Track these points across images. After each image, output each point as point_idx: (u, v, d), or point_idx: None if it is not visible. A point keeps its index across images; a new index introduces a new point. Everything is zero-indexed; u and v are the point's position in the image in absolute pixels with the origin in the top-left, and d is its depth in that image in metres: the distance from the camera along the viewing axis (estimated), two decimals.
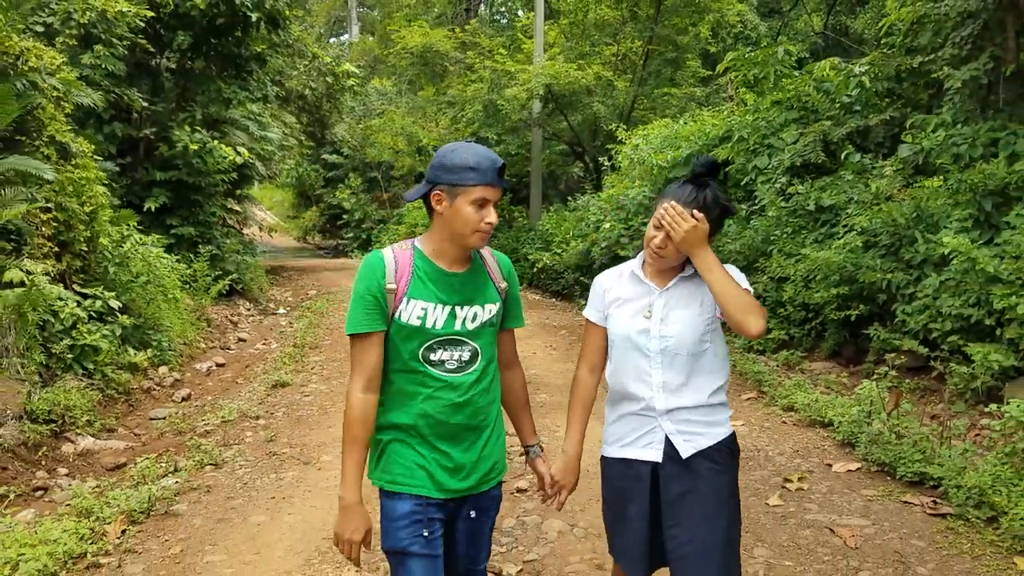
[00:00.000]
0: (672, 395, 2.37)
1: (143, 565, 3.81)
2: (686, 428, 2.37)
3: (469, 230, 2.20)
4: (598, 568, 3.72)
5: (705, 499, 2.33)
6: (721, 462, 2.38)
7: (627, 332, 2.42)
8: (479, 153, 2.20)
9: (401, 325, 2.22)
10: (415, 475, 2.25)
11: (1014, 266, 6.08)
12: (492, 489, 2.42)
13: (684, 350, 2.36)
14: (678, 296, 2.41)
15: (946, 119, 8.30)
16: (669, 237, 2.29)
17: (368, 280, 2.22)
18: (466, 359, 2.28)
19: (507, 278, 2.43)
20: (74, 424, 6.20)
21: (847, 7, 20.50)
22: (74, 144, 7.56)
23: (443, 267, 2.28)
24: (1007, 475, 4.29)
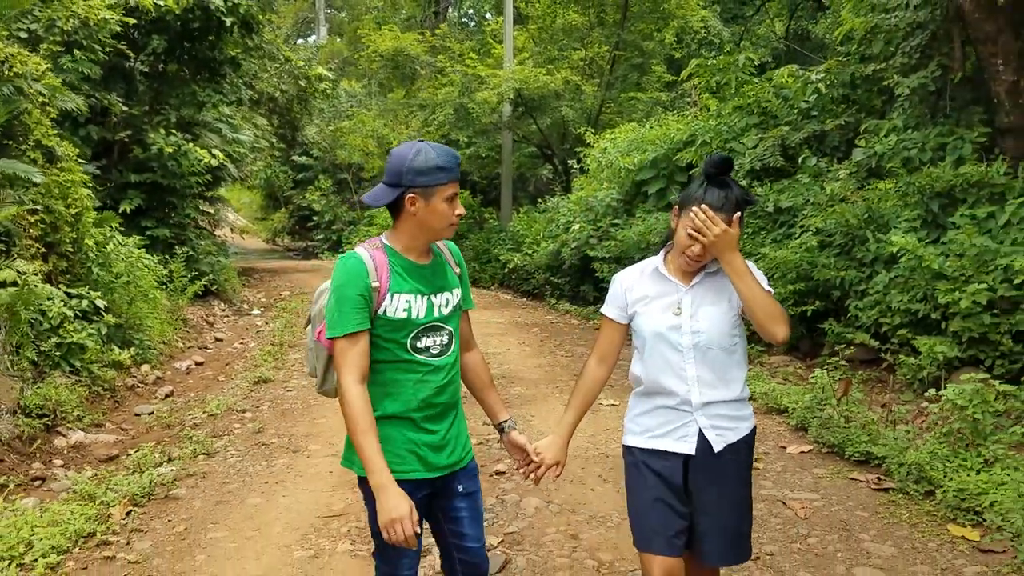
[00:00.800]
0: (708, 389, 2.46)
1: (150, 542, 4.09)
2: (719, 423, 2.47)
3: (444, 224, 2.38)
4: (572, 538, 4.08)
5: (728, 488, 2.49)
6: (744, 453, 2.52)
7: (659, 329, 2.49)
8: (442, 152, 2.36)
9: (388, 319, 2.36)
10: (407, 460, 2.41)
11: (958, 263, 6.50)
12: (472, 462, 2.61)
13: (715, 345, 2.45)
14: (704, 292, 2.49)
15: (897, 124, 8.75)
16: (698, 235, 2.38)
17: (355, 281, 2.32)
18: (445, 342, 2.47)
19: (459, 264, 2.63)
20: (65, 419, 6.42)
21: (808, 13, 21.05)
22: (59, 148, 7.77)
23: (414, 260, 2.44)
24: (943, 453, 4.72)
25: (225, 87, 14.66)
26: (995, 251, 6.36)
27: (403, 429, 2.42)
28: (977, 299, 6.14)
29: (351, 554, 3.92)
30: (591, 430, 5.90)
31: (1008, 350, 6.08)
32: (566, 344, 9.82)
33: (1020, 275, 5.95)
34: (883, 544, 3.97)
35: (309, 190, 29.37)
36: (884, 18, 9.12)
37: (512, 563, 3.79)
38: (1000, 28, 7.96)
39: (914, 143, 8.16)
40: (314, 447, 5.73)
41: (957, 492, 4.30)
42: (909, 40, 8.94)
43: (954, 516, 4.22)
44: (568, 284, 13.85)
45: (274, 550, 3.99)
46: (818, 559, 3.83)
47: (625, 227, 11.94)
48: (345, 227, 28.45)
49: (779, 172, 9.94)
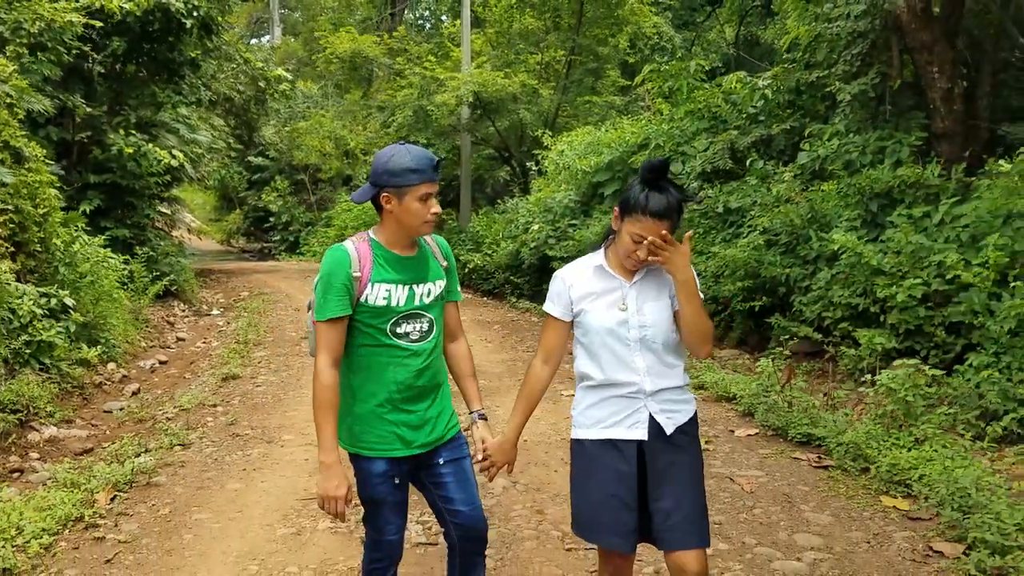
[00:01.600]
0: (656, 378, 2.54)
1: (137, 524, 4.29)
2: (668, 407, 2.55)
3: (418, 222, 2.56)
4: (538, 513, 4.38)
5: (686, 467, 2.55)
6: (692, 433, 2.61)
7: (607, 325, 2.55)
8: (416, 154, 2.53)
9: (368, 307, 2.56)
10: (387, 440, 2.61)
11: (895, 260, 6.93)
12: (457, 435, 2.78)
13: (660, 338, 2.53)
14: (647, 287, 2.58)
15: (840, 129, 9.20)
16: (652, 254, 2.46)
17: (338, 271, 2.53)
18: (425, 329, 2.65)
19: (446, 257, 2.80)
20: (37, 415, 6.53)
21: (757, 19, 21.64)
22: (27, 149, 7.85)
23: (398, 253, 2.63)
24: (878, 433, 5.12)
25: (184, 88, 14.69)
26: (929, 248, 6.79)
27: (383, 414, 2.60)
28: (913, 293, 6.56)
29: (331, 531, 4.17)
30: (553, 418, 6.21)
31: (942, 341, 6.51)
32: (527, 340, 10.13)
33: (952, 271, 6.37)
34: (821, 514, 4.35)
35: (265, 191, 29.21)
36: (827, 27, 9.58)
37: None
38: (935, 38, 8.47)
39: (855, 146, 8.60)
40: (287, 437, 5.95)
41: (889, 467, 4.70)
42: (850, 48, 9.40)
43: (887, 489, 4.62)
44: (528, 283, 14.16)
45: (257, 529, 4.22)
46: (762, 527, 4.19)
47: (582, 227, 12.28)
48: (302, 228, 28.40)
49: (728, 174, 10.36)
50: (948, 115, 8.52)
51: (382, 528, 2.68)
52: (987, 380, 5.62)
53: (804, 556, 3.83)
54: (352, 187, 26.89)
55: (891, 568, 3.70)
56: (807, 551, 3.88)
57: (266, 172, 29.62)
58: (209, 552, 3.94)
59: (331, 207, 27.09)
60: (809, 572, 3.67)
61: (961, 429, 5.27)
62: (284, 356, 9.23)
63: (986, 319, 6.06)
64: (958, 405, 5.64)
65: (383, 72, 23.82)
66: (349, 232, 22.32)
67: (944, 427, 5.22)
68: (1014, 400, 5.46)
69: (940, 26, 8.55)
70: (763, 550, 3.90)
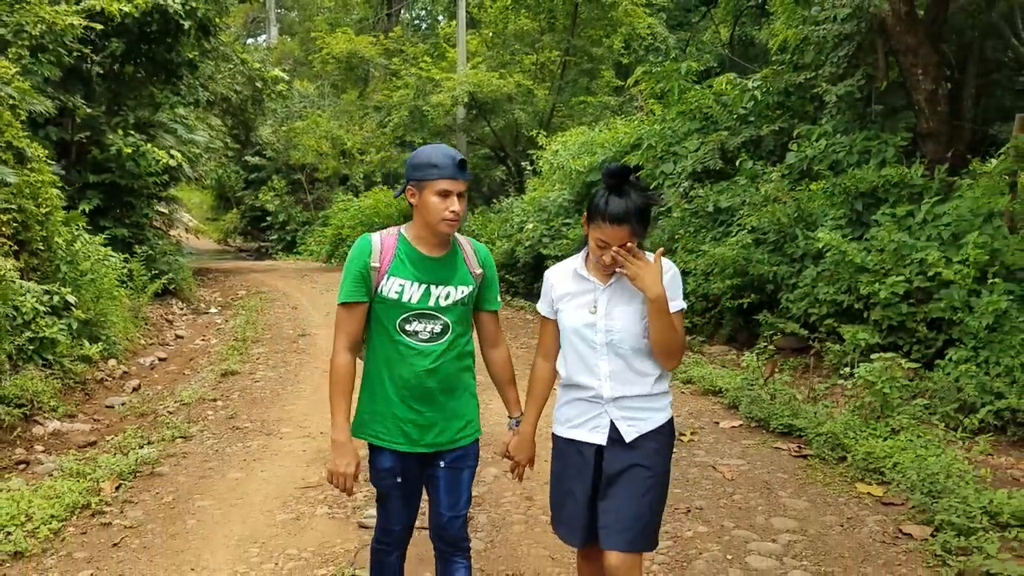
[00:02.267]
0: (619, 384, 2.54)
1: (142, 511, 4.46)
2: (630, 414, 2.55)
3: (437, 218, 2.55)
4: (527, 499, 4.56)
5: (638, 476, 2.53)
6: (658, 443, 2.57)
7: (575, 326, 2.59)
8: (440, 151, 2.56)
9: (382, 298, 2.60)
10: (392, 433, 2.65)
11: (879, 258, 7.11)
12: (468, 445, 2.77)
13: (627, 344, 2.53)
14: (620, 292, 2.57)
15: (827, 130, 9.39)
16: (617, 264, 2.50)
17: (357, 259, 2.60)
18: (437, 331, 2.63)
19: (483, 264, 2.76)
20: (41, 409, 6.70)
21: (752, 19, 21.81)
22: (29, 149, 8.01)
23: (423, 251, 2.64)
24: (855, 423, 5.31)
25: (182, 88, 14.86)
26: (912, 246, 6.97)
27: (389, 404, 2.64)
28: (895, 290, 6.74)
29: (329, 516, 4.35)
30: (547, 410, 6.37)
31: (923, 336, 6.69)
32: (521, 337, 10.30)
33: (933, 268, 6.55)
34: (798, 499, 4.53)
35: (262, 191, 29.32)
36: (814, 30, 9.77)
37: (474, 519, 4.26)
38: (920, 41, 8.65)
39: (842, 147, 8.79)
40: (286, 430, 6.12)
41: (865, 456, 4.89)
42: (837, 51, 9.60)
43: (862, 476, 4.81)
44: (523, 281, 14.34)
45: (258, 515, 4.39)
46: (741, 511, 4.37)
47: (576, 226, 12.46)
48: (299, 228, 28.53)
49: (719, 174, 10.54)
50: (933, 116, 8.71)
51: (388, 518, 2.76)
52: (965, 374, 5.81)
53: (779, 538, 4.01)
54: (349, 186, 27.06)
55: (862, 549, 3.88)
56: (782, 533, 4.07)
57: (263, 172, 29.70)
58: (212, 536, 4.11)
59: (328, 206, 27.23)
60: (783, 552, 3.86)
61: (937, 420, 5.46)
62: (282, 353, 9.40)
63: (965, 315, 6.24)
64: (937, 398, 5.83)
65: (379, 72, 23.97)
66: (346, 231, 22.55)
67: (920, 418, 5.41)
68: (990, 393, 5.65)
69: (924, 29, 8.74)
70: (740, 532, 4.09)
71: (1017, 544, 3.78)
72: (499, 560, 3.83)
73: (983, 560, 3.56)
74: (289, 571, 3.73)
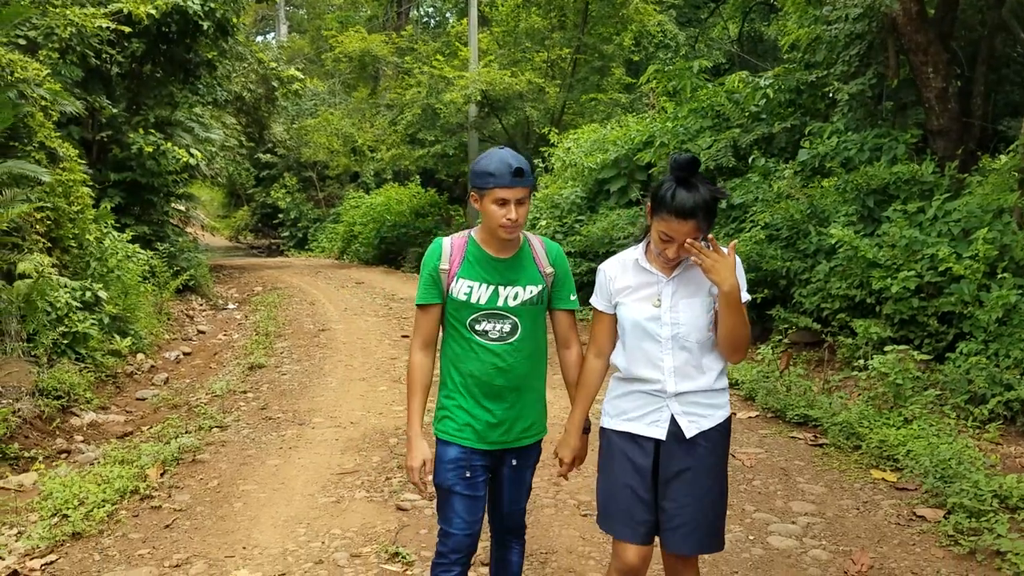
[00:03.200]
0: (683, 379, 2.49)
1: (189, 495, 4.69)
2: (692, 410, 2.50)
3: (495, 224, 2.59)
4: (555, 485, 4.77)
5: (699, 476, 2.48)
6: (718, 441, 2.52)
7: (638, 319, 2.53)
8: (497, 159, 2.57)
9: (453, 299, 2.67)
10: (463, 430, 2.69)
11: (890, 253, 7.27)
12: (531, 445, 2.83)
13: (692, 337, 2.48)
14: (684, 284, 2.51)
15: (839, 127, 9.54)
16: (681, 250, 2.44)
17: (429, 262, 2.70)
18: (507, 331, 2.68)
19: (554, 263, 2.77)
20: (77, 401, 6.93)
21: (761, 15, 21.90)
22: (61, 149, 8.25)
23: (491, 253, 2.69)
24: (870, 413, 5.50)
25: (200, 88, 15.10)
26: (923, 242, 7.12)
27: (460, 400, 2.71)
28: (907, 285, 6.89)
29: (368, 500, 4.58)
30: (565, 403, 6.50)
31: (934, 330, 6.85)
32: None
33: (944, 263, 6.71)
34: (816, 485, 4.74)
35: (274, 188, 29.58)
36: (826, 29, 9.94)
37: None
38: (930, 39, 8.80)
39: (853, 144, 8.94)
40: (317, 420, 6.34)
41: (879, 444, 5.08)
42: (848, 50, 9.76)
43: (876, 463, 5.01)
44: None
45: (300, 498, 4.61)
46: (761, 496, 4.57)
47: (589, 223, 12.63)
48: (311, 224, 28.79)
49: (732, 171, 10.70)
50: (943, 113, 8.86)
51: (448, 518, 2.72)
52: (976, 366, 5.97)
53: (798, 520, 4.22)
54: (360, 183, 27.27)
55: (877, 530, 4.08)
56: (801, 516, 4.27)
57: (274, 169, 29.96)
58: (259, 517, 4.33)
59: (339, 203, 27.48)
60: (802, 533, 4.06)
61: (948, 411, 5.64)
62: (305, 347, 9.62)
63: (975, 309, 6.39)
64: (948, 390, 6.01)
65: (391, 71, 24.16)
66: (357, 228, 22.79)
67: (932, 408, 5.60)
68: (1000, 384, 5.82)
69: (934, 28, 8.89)
70: (761, 515, 4.29)
71: None
72: (532, 540, 4.02)
73: (994, 540, 3.75)
74: (335, 548, 3.95)
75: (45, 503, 4.41)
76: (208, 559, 3.86)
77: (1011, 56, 10.53)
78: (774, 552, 3.85)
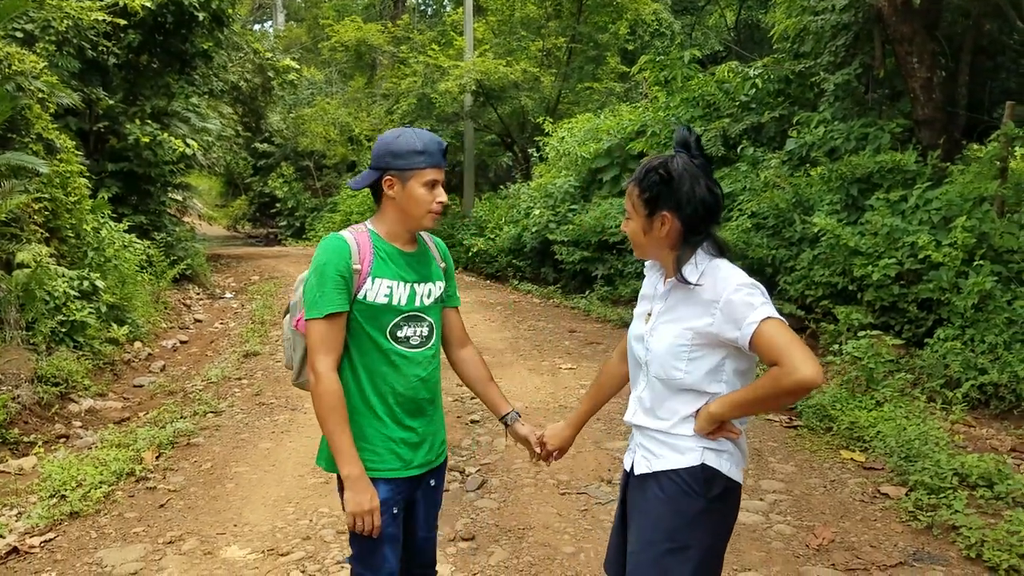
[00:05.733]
0: (642, 413, 2.15)
1: (183, 477, 4.86)
2: (648, 445, 2.13)
3: (422, 211, 2.29)
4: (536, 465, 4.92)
5: (646, 523, 2.09)
6: (675, 495, 2.04)
7: (631, 334, 2.22)
8: (425, 137, 2.29)
9: (367, 304, 2.27)
10: (384, 458, 2.31)
11: (872, 241, 7.43)
12: (445, 461, 2.56)
13: (656, 372, 2.09)
14: (673, 304, 2.09)
15: (826, 117, 9.67)
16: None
17: (336, 261, 2.23)
18: (425, 334, 2.38)
19: (444, 259, 2.53)
20: (75, 388, 7.10)
21: (757, 3, 21.94)
22: (58, 140, 8.40)
23: (399, 247, 2.36)
24: (843, 396, 5.67)
25: (196, 78, 15.23)
26: (904, 230, 7.28)
27: (380, 426, 2.32)
28: (887, 272, 7.07)
29: None
30: (551, 388, 6.75)
31: (914, 316, 7.03)
32: (528, 320, 10.66)
33: (923, 251, 6.87)
34: (786, 464, 4.91)
35: (271, 177, 29.70)
36: (812, 20, 10.07)
37: (488, 483, 4.65)
38: (915, 30, 8.93)
39: (840, 133, 9.08)
40: (309, 405, 6.49)
41: (850, 425, 5.26)
42: (835, 40, 9.89)
43: (846, 444, 5.19)
44: (529, 266, 14.69)
45: (291, 479, 4.79)
46: None
47: (582, 212, 12.78)
48: (308, 214, 28.92)
49: (722, 160, 10.85)
50: (928, 103, 8.98)
51: (377, 566, 2.35)
52: (952, 351, 6.15)
53: (766, 497, 4.39)
54: (357, 173, 27.38)
55: (841, 507, 4.26)
56: (769, 494, 4.45)
57: (271, 158, 30.07)
58: (251, 497, 4.51)
59: (336, 193, 27.61)
60: (769, 510, 4.24)
61: (919, 394, 5.81)
62: None
63: (953, 296, 6.56)
64: (925, 374, 6.18)
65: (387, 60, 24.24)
66: (355, 218, 22.91)
67: (904, 392, 5.77)
68: (974, 369, 6.00)
69: (920, 18, 9.00)
70: None
71: (983, 501, 4.16)
72: (511, 517, 4.21)
73: (950, 515, 3.93)
74: (322, 526, 4.12)
75: (44, 485, 4.59)
76: (200, 536, 4.03)
77: (1006, 43, 10.60)
78: (740, 527, 4.01)
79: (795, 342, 1.85)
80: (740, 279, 1.97)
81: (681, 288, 2.04)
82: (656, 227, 2.07)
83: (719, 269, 2.01)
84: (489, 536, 4.00)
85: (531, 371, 7.23)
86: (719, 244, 2.08)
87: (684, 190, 2.03)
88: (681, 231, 2.05)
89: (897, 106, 9.36)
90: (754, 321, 1.88)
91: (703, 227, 2.06)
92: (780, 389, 1.86)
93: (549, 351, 8.45)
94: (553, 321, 10.57)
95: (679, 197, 2.03)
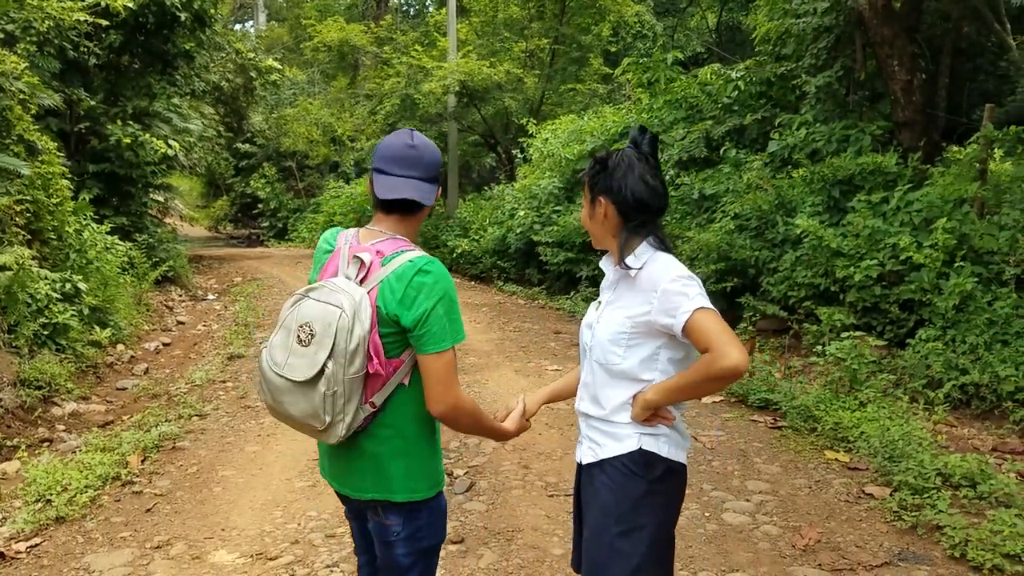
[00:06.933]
0: (585, 400, 2.23)
1: (169, 480, 4.84)
2: (592, 435, 2.19)
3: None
4: (524, 467, 4.96)
5: (595, 511, 2.15)
6: (620, 481, 2.10)
7: (583, 322, 2.30)
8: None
9: None
10: (442, 473, 2.30)
11: (854, 243, 7.50)
12: None
13: (597, 357, 2.17)
14: (620, 294, 2.17)
15: (808, 119, 9.75)
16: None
17: (453, 287, 2.16)
18: None
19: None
20: (58, 391, 7.05)
21: (739, 4, 22.04)
22: (40, 142, 8.33)
23: None
24: (826, 397, 5.73)
25: (178, 79, 15.13)
26: (885, 231, 7.35)
27: (436, 442, 2.27)
28: (869, 273, 7.13)
29: None
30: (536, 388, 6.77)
31: (895, 317, 7.10)
32: (513, 321, 10.68)
33: (905, 252, 6.94)
34: (772, 465, 4.96)
35: (253, 178, 29.54)
36: (794, 23, 10.14)
37: (476, 485, 4.65)
38: (896, 33, 9.01)
39: (821, 136, 9.16)
40: None
41: (834, 426, 5.31)
42: (817, 43, 9.96)
43: (831, 445, 5.24)
44: (514, 267, 14.70)
45: (278, 482, 4.78)
46: (719, 476, 4.79)
47: (566, 213, 12.82)
48: (291, 215, 28.79)
49: (704, 162, 10.91)
50: (908, 105, 9.08)
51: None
52: (933, 352, 6.22)
53: (752, 498, 4.43)
54: (340, 173, 27.30)
55: (827, 507, 4.30)
56: (755, 495, 4.49)
57: (253, 159, 29.90)
58: (238, 501, 4.50)
59: (319, 193, 27.50)
60: (755, 510, 4.27)
61: (901, 394, 5.88)
62: None
63: (934, 296, 6.63)
64: (907, 375, 6.25)
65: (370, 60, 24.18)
66: (338, 219, 22.81)
67: (887, 392, 5.84)
68: (956, 369, 6.07)
69: (900, 22, 9.10)
70: (717, 493, 4.51)
71: (966, 501, 4.22)
72: (500, 519, 4.22)
73: (934, 515, 3.98)
74: (311, 529, 4.12)
75: (29, 489, 4.56)
76: (188, 540, 4.02)
77: (984, 46, 10.72)
78: (727, 527, 4.05)
79: (726, 331, 1.95)
80: (678, 271, 2.05)
81: (626, 278, 2.14)
82: (598, 212, 2.18)
83: (659, 260, 2.10)
84: (478, 539, 4.01)
85: (517, 372, 7.25)
86: (663, 239, 2.18)
87: (617, 176, 2.13)
88: (618, 217, 2.15)
89: (878, 108, 9.45)
90: (688, 310, 1.97)
91: (637, 215, 2.14)
92: (710, 375, 1.95)
93: (535, 352, 8.49)
94: (538, 322, 10.59)
95: (611, 183, 2.14)
